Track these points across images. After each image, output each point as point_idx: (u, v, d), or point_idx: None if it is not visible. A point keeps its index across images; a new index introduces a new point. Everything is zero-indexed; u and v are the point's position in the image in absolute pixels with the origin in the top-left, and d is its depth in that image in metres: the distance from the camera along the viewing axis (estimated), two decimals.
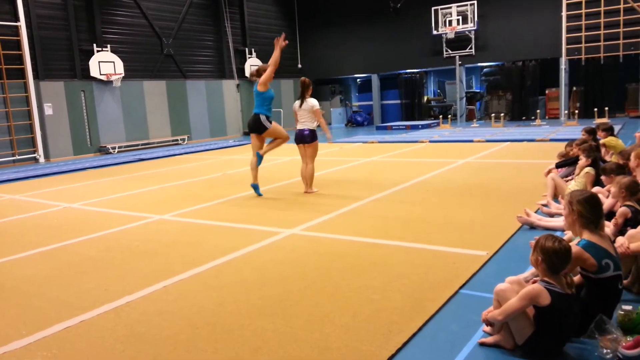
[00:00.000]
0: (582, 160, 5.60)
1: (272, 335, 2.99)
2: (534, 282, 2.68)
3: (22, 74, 14.76)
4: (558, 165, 6.63)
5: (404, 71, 22.61)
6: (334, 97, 25.36)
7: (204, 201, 7.25)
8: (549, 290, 2.52)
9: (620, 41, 17.40)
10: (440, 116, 20.17)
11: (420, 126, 19.07)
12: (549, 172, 6.42)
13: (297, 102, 7.34)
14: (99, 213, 6.96)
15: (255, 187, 7.34)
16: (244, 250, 4.66)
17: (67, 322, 3.34)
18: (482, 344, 2.74)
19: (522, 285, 2.71)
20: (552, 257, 2.55)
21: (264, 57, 21.47)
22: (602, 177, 4.51)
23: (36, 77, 15.06)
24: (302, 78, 7.47)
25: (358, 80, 25.83)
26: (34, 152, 15.16)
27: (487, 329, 2.81)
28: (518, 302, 2.54)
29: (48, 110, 15.39)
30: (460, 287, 3.53)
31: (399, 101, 23.29)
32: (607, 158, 6.47)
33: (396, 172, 9.01)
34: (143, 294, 3.77)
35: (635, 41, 17.22)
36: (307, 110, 7.26)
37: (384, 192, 7.12)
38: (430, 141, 13.84)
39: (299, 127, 7.31)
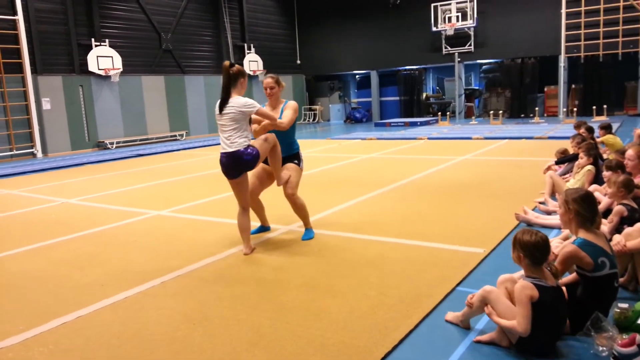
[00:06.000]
0: (583, 159, 5.60)
1: (269, 330, 2.99)
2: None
3: (19, 68, 14.71)
4: (558, 162, 6.64)
5: (403, 68, 22.59)
6: (332, 94, 25.34)
7: (202, 197, 7.25)
8: (536, 285, 2.56)
9: (620, 39, 17.41)
10: (439, 113, 20.17)
11: (418, 123, 19.08)
12: (548, 169, 6.43)
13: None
14: (96, 208, 6.96)
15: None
16: (241, 247, 4.65)
17: (64, 317, 3.35)
18: (477, 342, 2.75)
19: (515, 282, 2.72)
20: (533, 250, 2.59)
21: (263, 52, 21.50)
22: (607, 172, 4.47)
23: (34, 71, 15.01)
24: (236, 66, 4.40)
25: (357, 76, 25.80)
26: (32, 147, 15.13)
27: (481, 337, 2.81)
28: (524, 309, 2.53)
29: (46, 104, 15.35)
30: (457, 284, 3.53)
31: (397, 98, 23.28)
32: (605, 156, 6.47)
33: (394, 169, 9.01)
34: (140, 289, 3.77)
35: (634, 39, 17.23)
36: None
37: (381, 189, 7.12)
38: (429, 138, 13.84)
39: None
